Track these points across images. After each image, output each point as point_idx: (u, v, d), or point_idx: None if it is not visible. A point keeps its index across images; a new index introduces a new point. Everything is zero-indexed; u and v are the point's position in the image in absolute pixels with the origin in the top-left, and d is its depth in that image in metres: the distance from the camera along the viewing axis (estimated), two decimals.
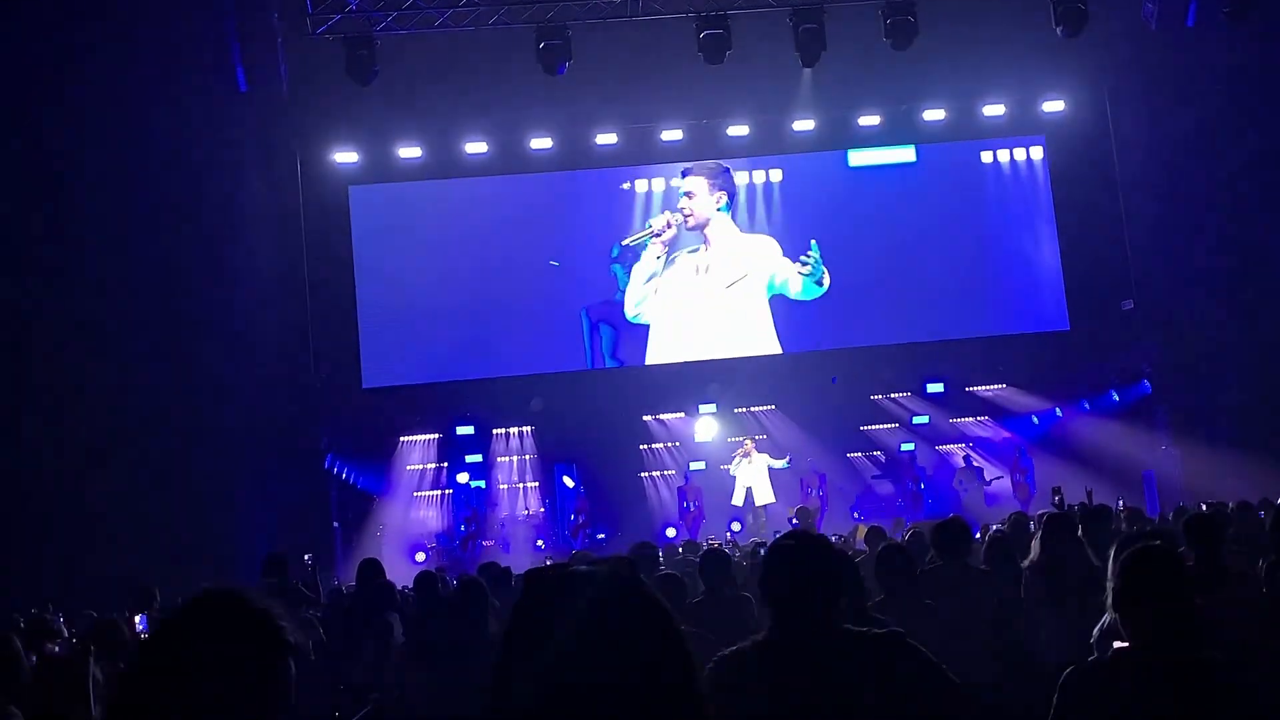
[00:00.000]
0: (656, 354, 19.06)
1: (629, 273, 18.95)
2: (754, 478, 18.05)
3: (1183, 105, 17.59)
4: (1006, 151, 19.74)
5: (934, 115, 19.07)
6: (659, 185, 19.28)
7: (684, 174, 18.93)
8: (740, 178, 19.30)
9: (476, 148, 18.59)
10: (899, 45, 15.59)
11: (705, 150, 19.13)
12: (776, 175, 19.45)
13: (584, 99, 17.39)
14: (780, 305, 19.02)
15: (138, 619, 7.92)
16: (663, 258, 18.76)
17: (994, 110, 19.15)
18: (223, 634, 1.80)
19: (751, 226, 19.30)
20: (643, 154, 19.11)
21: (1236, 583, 5.11)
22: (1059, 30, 15.55)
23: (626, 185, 19.24)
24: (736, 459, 18.26)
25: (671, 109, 18.55)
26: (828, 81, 17.48)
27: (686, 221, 18.81)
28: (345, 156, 18.54)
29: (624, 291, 18.99)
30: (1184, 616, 3.13)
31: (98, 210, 13.63)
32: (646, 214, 19.15)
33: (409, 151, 18.54)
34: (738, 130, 18.90)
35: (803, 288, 18.84)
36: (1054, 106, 19.31)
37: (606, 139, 18.75)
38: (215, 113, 15.52)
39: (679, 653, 1.60)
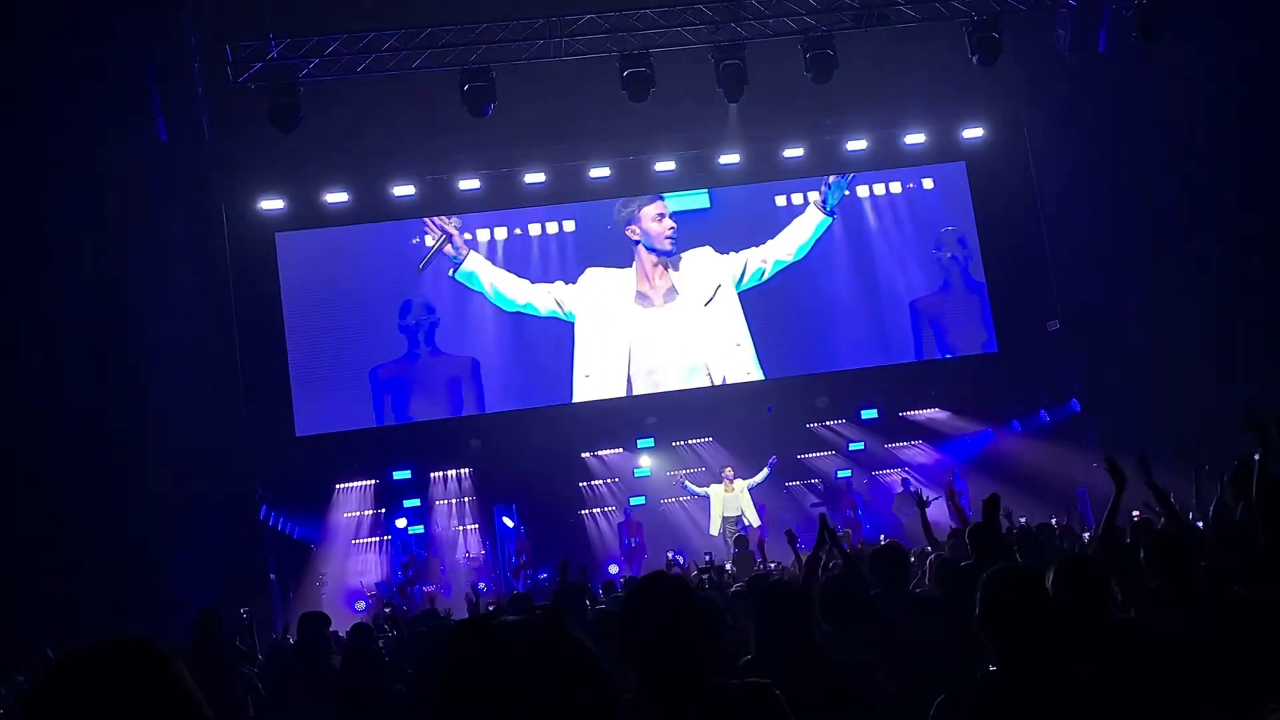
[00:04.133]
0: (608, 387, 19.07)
1: (419, 338, 18.85)
2: (742, 505, 18.01)
3: (1098, 126, 18.02)
4: (928, 179, 20.02)
5: (856, 145, 19.33)
6: (502, 233, 19.24)
7: (644, 203, 19.16)
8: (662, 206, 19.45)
9: (404, 190, 18.54)
10: (820, 78, 15.81)
11: (634, 186, 19.24)
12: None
13: (511, 140, 17.44)
14: (720, 335, 19.12)
15: None
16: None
17: (915, 139, 19.47)
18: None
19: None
20: (571, 192, 19.16)
21: (1211, 605, 4.81)
22: (974, 59, 15.87)
23: (416, 240, 19.10)
24: (712, 488, 18.16)
25: (599, 147, 18.65)
26: (753, 115, 17.68)
27: (666, 244, 18.98)
28: (271, 203, 18.37)
29: (418, 352, 18.85)
30: (1045, 636, 3.19)
31: (18, 266, 13.38)
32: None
33: (335, 196, 18.43)
34: (665, 165, 19.02)
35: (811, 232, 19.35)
36: (973, 133, 19.66)
37: (535, 178, 18.79)
38: (137, 164, 15.34)
39: (607, 704, 1.59)
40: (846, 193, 19.62)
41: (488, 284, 18.93)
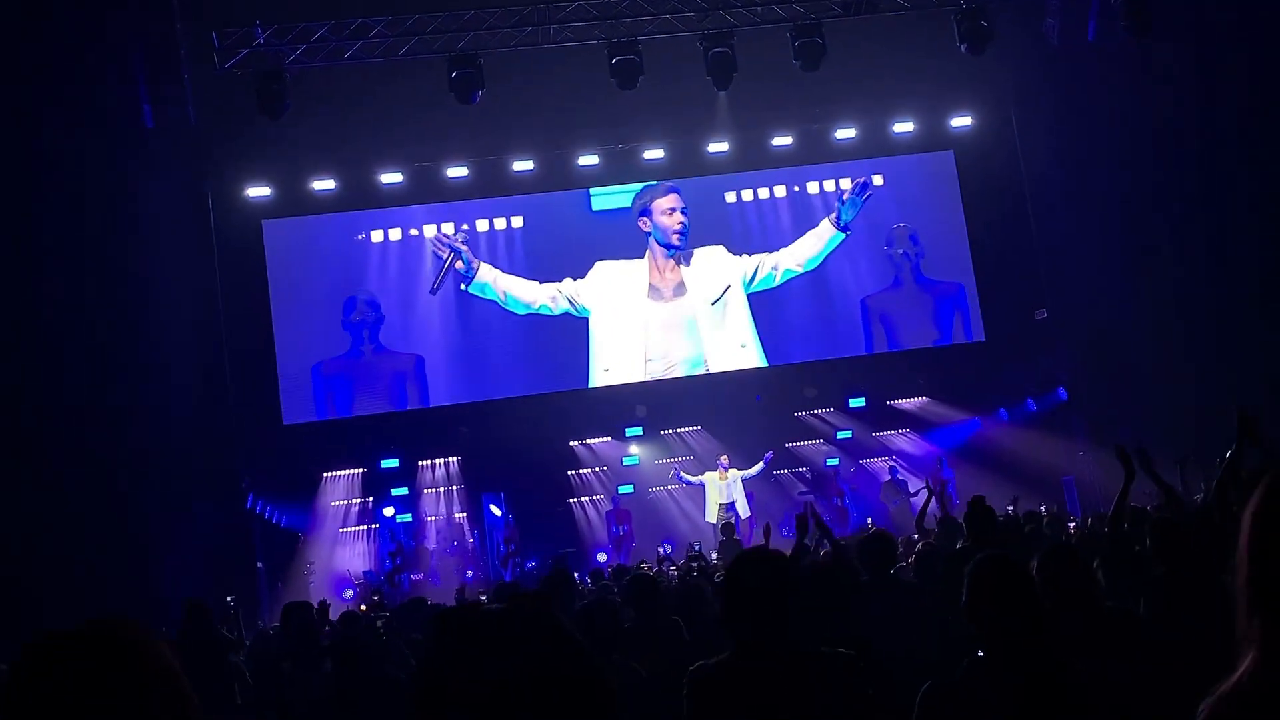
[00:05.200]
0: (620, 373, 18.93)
1: (363, 335, 18.63)
2: (734, 494, 18.05)
3: (1087, 116, 18.02)
4: (878, 176, 19.79)
5: (845, 134, 19.30)
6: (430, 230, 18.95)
7: (657, 195, 18.93)
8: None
9: (391, 178, 18.48)
10: (808, 66, 15.79)
11: (621, 174, 19.19)
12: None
13: (499, 126, 17.39)
14: (727, 334, 19.10)
15: None
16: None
17: (903, 127, 19.46)
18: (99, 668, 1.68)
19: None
20: (559, 179, 19.11)
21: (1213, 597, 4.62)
22: (963, 47, 15.87)
23: (361, 236, 18.92)
24: (707, 475, 18.21)
25: (589, 134, 18.61)
26: (742, 103, 17.67)
27: (674, 239, 18.85)
28: (258, 191, 18.31)
29: (362, 349, 18.62)
30: (1030, 623, 3.22)
31: (1, 254, 13.29)
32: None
33: (323, 184, 18.37)
34: (654, 154, 18.99)
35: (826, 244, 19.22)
36: (962, 122, 19.66)
37: (523, 165, 18.74)
38: (122, 151, 15.25)
39: (598, 693, 1.58)
40: (869, 191, 19.34)
41: (500, 292, 18.74)
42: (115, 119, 15.15)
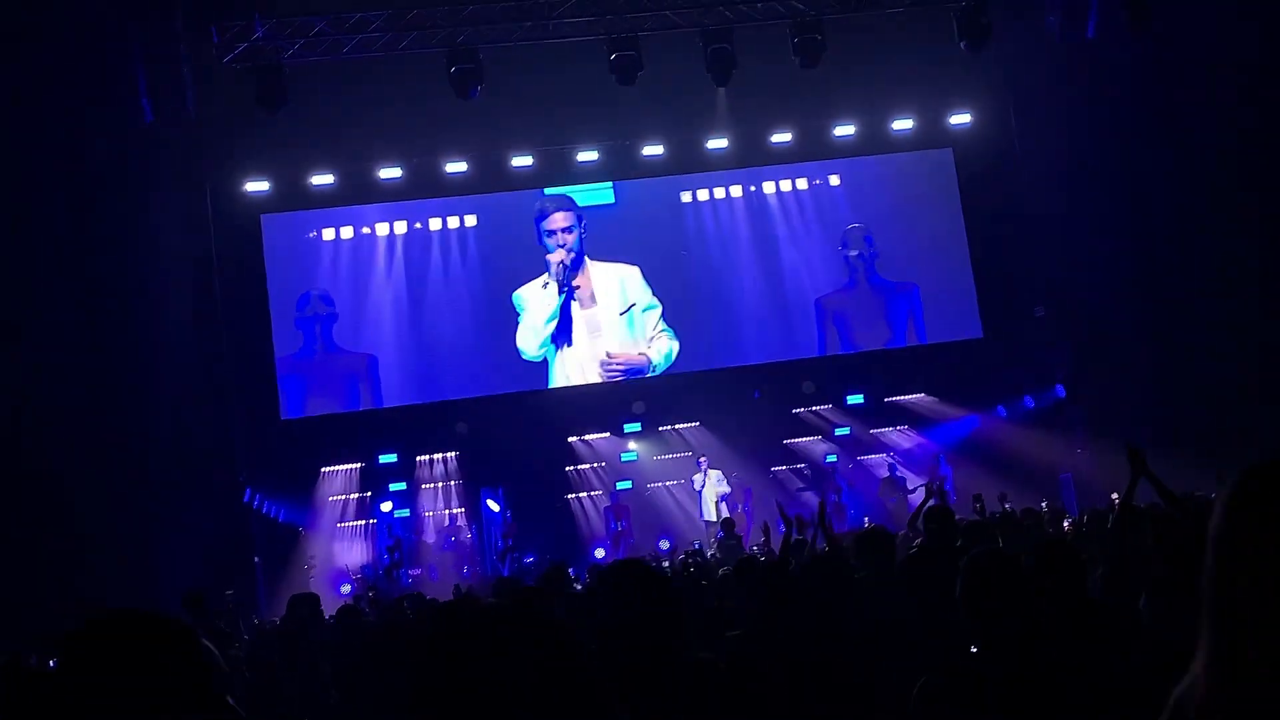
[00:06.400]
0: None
1: (315, 332, 18.60)
2: (716, 493, 18.09)
3: (1087, 113, 18.01)
4: (834, 176, 19.85)
5: (844, 130, 19.29)
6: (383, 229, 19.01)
7: (546, 212, 18.99)
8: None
9: (390, 173, 18.46)
10: (807, 63, 15.79)
11: (622, 170, 19.19)
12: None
13: (498, 122, 17.37)
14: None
15: None
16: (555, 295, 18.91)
17: (903, 124, 19.44)
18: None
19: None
20: (558, 175, 19.11)
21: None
22: (963, 44, 15.86)
23: (313, 234, 18.87)
24: (701, 476, 18.28)
25: (587, 129, 18.59)
26: (741, 100, 17.65)
27: (568, 256, 18.93)
28: (256, 185, 18.28)
29: (315, 348, 18.57)
30: (1025, 621, 3.24)
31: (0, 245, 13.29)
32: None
33: (321, 178, 18.36)
34: (653, 150, 18.97)
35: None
36: (961, 119, 19.63)
37: (522, 161, 18.73)
38: (120, 145, 15.24)
39: (586, 687, 1.59)
40: None
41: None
42: (114, 112, 15.13)
